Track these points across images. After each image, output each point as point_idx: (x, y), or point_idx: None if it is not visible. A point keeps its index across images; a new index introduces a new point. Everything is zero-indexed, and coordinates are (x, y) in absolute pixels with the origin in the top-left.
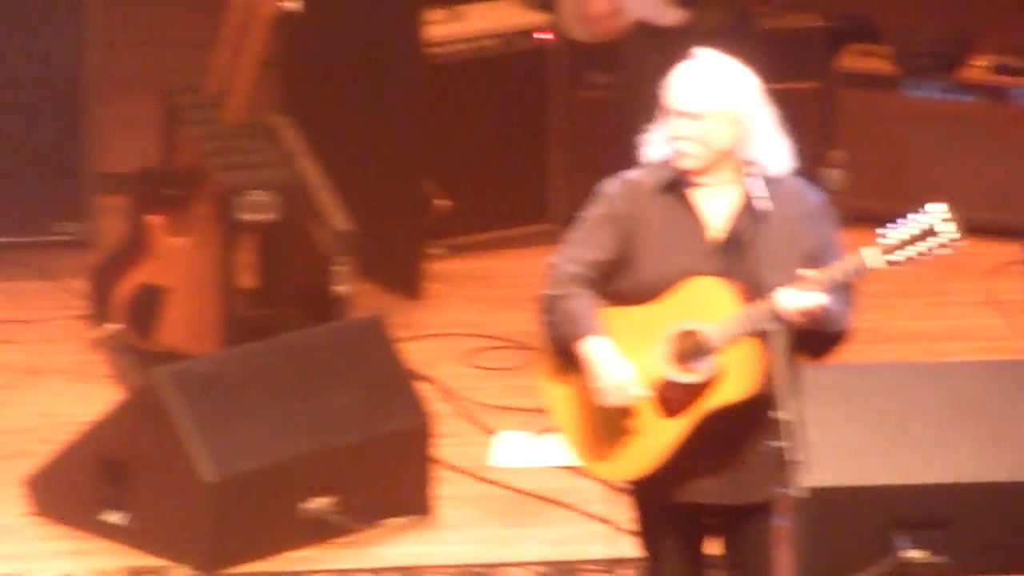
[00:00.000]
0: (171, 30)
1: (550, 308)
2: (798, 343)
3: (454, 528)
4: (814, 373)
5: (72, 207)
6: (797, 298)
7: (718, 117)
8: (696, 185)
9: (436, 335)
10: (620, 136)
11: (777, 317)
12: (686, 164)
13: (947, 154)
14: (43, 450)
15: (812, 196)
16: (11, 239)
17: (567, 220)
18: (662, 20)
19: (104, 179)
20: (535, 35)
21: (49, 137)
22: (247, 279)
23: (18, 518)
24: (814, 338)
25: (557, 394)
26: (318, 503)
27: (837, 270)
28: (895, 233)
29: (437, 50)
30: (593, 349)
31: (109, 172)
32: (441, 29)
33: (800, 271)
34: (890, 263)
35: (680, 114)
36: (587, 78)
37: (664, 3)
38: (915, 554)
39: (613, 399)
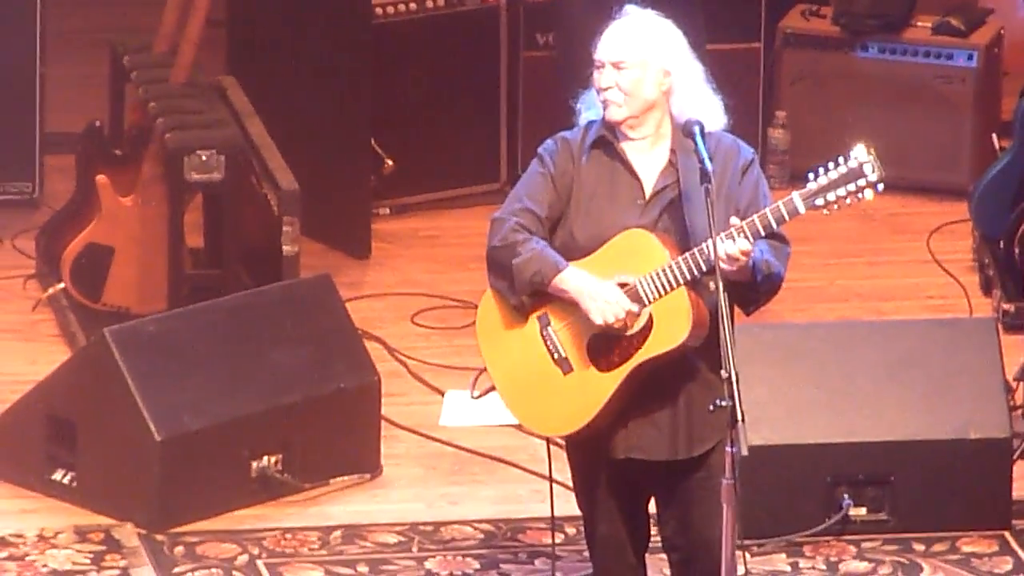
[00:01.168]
0: None
1: (509, 255)
2: (730, 293)
3: (401, 487)
4: (758, 332)
5: (21, 166)
6: (724, 245)
7: (641, 67)
8: (629, 140)
9: (384, 294)
10: (564, 96)
11: (709, 266)
12: (612, 115)
13: (889, 114)
14: None
15: (744, 152)
16: None
17: (517, 179)
18: None
19: (53, 138)
20: None
21: None
22: (195, 239)
23: None
24: (744, 287)
25: (494, 351)
26: (266, 462)
27: (766, 216)
28: (821, 178)
29: (385, 10)
30: (572, 279)
31: (58, 131)
32: None
33: (732, 219)
34: (816, 206)
35: (605, 64)
36: (537, 38)
37: None
38: (855, 511)
39: (611, 316)
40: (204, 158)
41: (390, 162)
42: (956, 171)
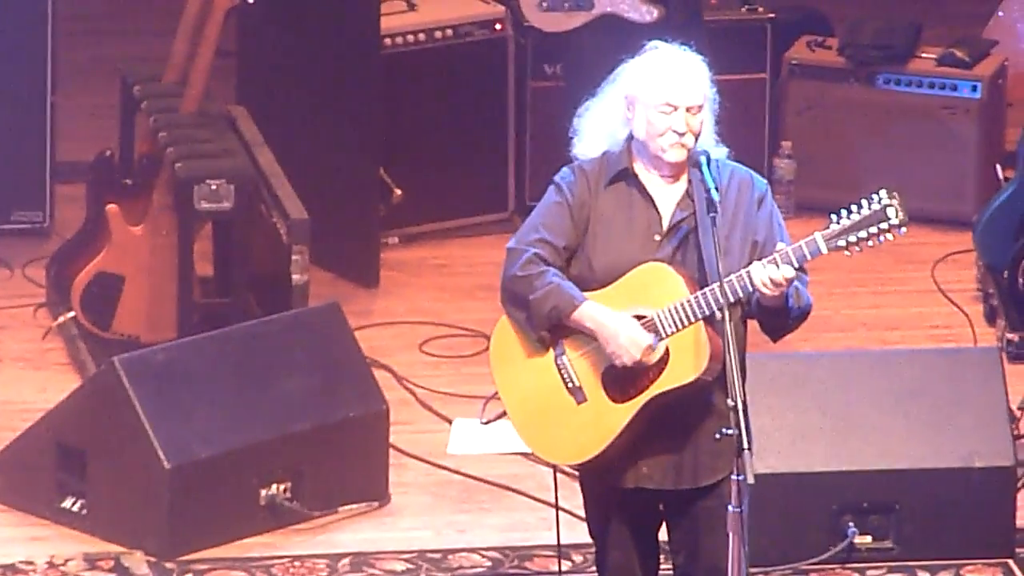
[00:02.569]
0: (131, 20)
1: (526, 289)
2: (762, 320)
3: (409, 514)
4: (764, 361)
5: (32, 195)
6: (769, 270)
7: (705, 107)
8: (655, 174)
9: (392, 323)
10: (571, 126)
11: (727, 301)
12: (678, 157)
13: (894, 145)
14: (0, 437)
15: (757, 184)
16: None
17: (525, 209)
18: (639, 18)
19: (64, 168)
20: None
21: (9, 125)
22: (204, 268)
23: None
24: (776, 314)
25: (507, 378)
26: (275, 489)
27: (788, 255)
28: (843, 220)
29: (394, 40)
30: (589, 315)
31: (69, 161)
32: (397, 19)
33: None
34: (838, 247)
35: (678, 108)
36: (544, 68)
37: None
38: (861, 539)
39: (633, 353)
40: (214, 187)
41: (398, 191)
42: (960, 201)
